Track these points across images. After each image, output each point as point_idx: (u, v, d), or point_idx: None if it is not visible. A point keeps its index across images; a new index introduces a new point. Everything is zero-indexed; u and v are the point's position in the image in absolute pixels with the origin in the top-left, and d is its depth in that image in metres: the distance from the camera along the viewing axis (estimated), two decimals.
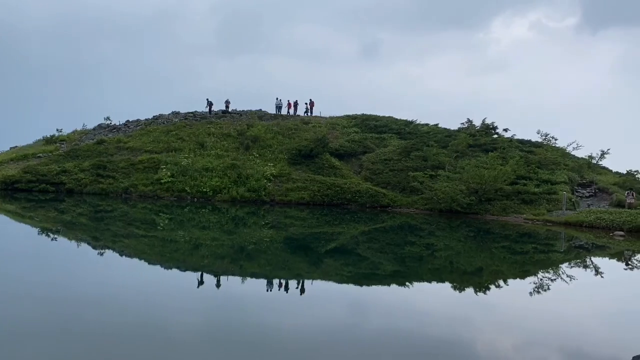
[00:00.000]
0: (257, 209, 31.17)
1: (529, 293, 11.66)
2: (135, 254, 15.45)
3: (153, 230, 20.61)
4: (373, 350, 7.27)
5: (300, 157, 39.06)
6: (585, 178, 37.42)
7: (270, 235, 20.56)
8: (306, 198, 34.27)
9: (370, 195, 34.36)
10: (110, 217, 24.43)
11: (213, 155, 39.14)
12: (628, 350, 6.92)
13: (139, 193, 35.24)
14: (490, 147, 38.49)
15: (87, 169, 37.70)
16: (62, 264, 13.31)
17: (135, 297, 9.73)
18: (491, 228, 26.06)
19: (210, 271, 12.96)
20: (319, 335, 7.92)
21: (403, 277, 13.41)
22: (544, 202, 31.51)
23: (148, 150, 40.71)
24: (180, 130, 44.04)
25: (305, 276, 12.99)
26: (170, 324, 8.12)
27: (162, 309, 9.01)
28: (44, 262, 13.41)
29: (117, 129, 47.35)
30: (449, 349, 7.52)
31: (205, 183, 35.39)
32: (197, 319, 8.65)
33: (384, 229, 24.99)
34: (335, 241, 19.92)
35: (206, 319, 8.73)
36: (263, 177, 35.85)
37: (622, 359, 6.77)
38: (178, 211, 28.56)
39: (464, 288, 12.49)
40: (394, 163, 37.96)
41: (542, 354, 7.60)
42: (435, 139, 40.85)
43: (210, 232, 20.67)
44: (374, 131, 44.37)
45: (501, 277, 14.11)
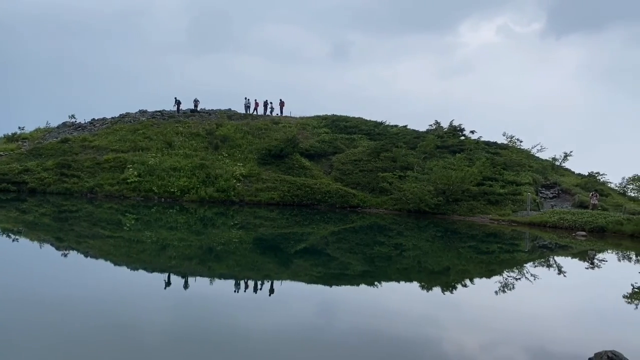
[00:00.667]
0: (226, 210, 30.89)
1: (494, 292, 11.89)
2: (100, 255, 15.10)
3: (119, 231, 20.20)
4: (343, 350, 7.29)
5: (270, 157, 38.91)
6: (548, 179, 38.43)
7: (239, 236, 20.41)
8: (276, 198, 34.17)
9: (340, 195, 34.49)
10: (74, 217, 23.84)
11: (181, 155, 38.62)
12: (589, 347, 7.12)
13: (105, 193, 34.51)
14: (458, 149, 39.14)
15: (51, 168, 36.72)
16: (24, 265, 12.92)
17: (101, 299, 9.51)
18: (458, 228, 26.48)
19: (177, 272, 12.77)
20: (288, 335, 7.90)
21: (372, 277, 13.50)
22: (509, 202, 32.21)
23: (114, 149, 39.89)
24: (148, 129, 43.30)
25: (274, 277, 12.95)
26: (137, 325, 7.97)
27: (128, 310, 8.84)
28: (3, 264, 12.99)
29: (82, 128, 46.26)
30: (418, 348, 7.61)
31: (173, 183, 34.88)
32: (164, 320, 8.51)
33: (354, 229, 25.12)
34: (304, 241, 19.92)
35: (174, 321, 8.59)
36: (232, 177, 35.55)
37: (584, 355, 6.96)
38: (145, 211, 28.07)
39: (432, 287, 12.65)
40: (363, 164, 38.21)
41: (507, 352, 7.76)
42: (404, 140, 41.29)
43: (178, 233, 20.39)
44: (344, 132, 44.57)
45: (468, 276, 14.35)
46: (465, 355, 7.48)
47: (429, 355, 7.41)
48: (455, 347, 7.87)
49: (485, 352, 7.67)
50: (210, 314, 9.07)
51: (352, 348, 7.41)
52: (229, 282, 12.05)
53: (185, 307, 9.53)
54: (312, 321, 9.05)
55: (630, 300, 11.87)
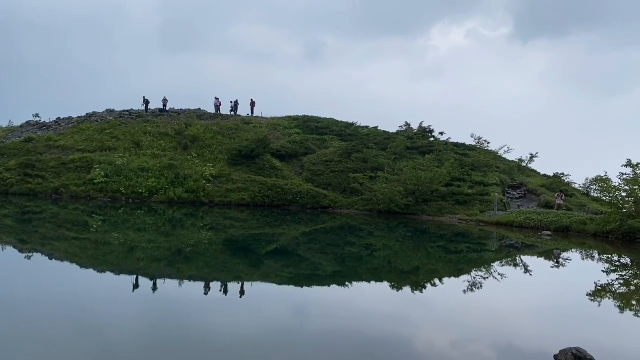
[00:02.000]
0: (195, 210, 30.54)
1: (462, 291, 12.06)
2: (66, 257, 14.72)
3: (85, 232, 19.74)
4: (316, 350, 7.29)
5: (240, 157, 38.66)
6: (515, 180, 39.29)
7: (208, 237, 20.20)
8: (246, 199, 33.98)
9: (311, 196, 34.52)
10: (38, 218, 23.19)
11: (149, 155, 38.04)
12: (554, 344, 7.29)
13: (70, 193, 33.72)
14: (427, 150, 39.68)
15: (14, 167, 35.71)
16: None
17: (67, 302, 9.27)
18: (427, 228, 26.81)
19: (145, 274, 12.55)
20: (260, 336, 7.85)
21: (343, 277, 13.54)
22: (477, 202, 32.80)
23: (80, 149, 39.03)
24: (115, 129, 42.50)
25: (244, 278, 12.85)
26: (105, 329, 7.79)
27: (96, 313, 8.63)
28: None
29: (47, 127, 45.10)
30: (390, 347, 7.66)
31: (140, 183, 34.31)
32: (132, 323, 8.35)
33: (324, 230, 25.16)
34: (275, 242, 19.85)
35: (142, 323, 8.44)
36: (202, 178, 35.18)
37: (549, 352, 7.12)
38: (112, 212, 27.51)
39: (402, 287, 12.77)
40: (334, 164, 38.34)
41: (475, 349, 7.89)
42: (374, 141, 41.61)
43: (145, 234, 20.05)
44: (315, 132, 44.66)
45: (437, 275, 14.54)
46: (435, 352, 7.57)
47: (400, 353, 7.47)
48: (425, 344, 7.96)
49: (454, 349, 7.78)
50: (179, 316, 8.94)
51: (324, 348, 7.41)
52: (198, 283, 11.90)
53: (154, 310, 9.37)
54: (284, 322, 9.02)
55: (594, 297, 12.21)
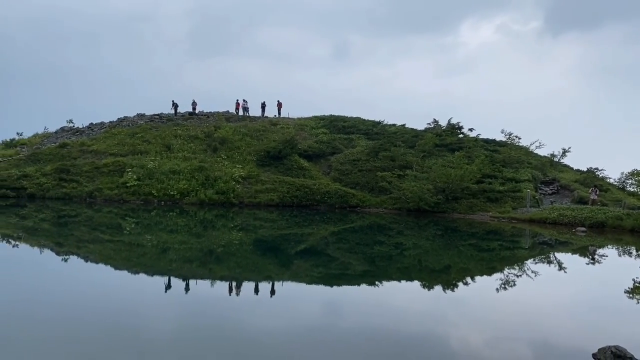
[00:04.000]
0: (225, 212, 30.88)
1: (496, 289, 11.88)
2: (101, 259, 15.06)
3: (119, 235, 20.17)
4: (345, 350, 7.27)
5: (268, 158, 38.93)
6: (547, 176, 38.51)
7: (239, 238, 20.38)
8: (275, 199, 34.18)
9: (339, 195, 34.50)
10: (74, 222, 23.79)
11: (180, 158, 38.65)
12: (593, 343, 7.12)
13: (104, 197, 34.52)
14: (456, 147, 39.17)
15: (50, 173, 36.73)
16: (25, 271, 12.88)
17: (102, 303, 9.48)
18: (458, 226, 26.48)
19: (178, 275, 12.75)
20: (291, 336, 7.88)
21: (373, 276, 13.49)
22: (508, 199, 32.26)
23: (113, 153, 39.91)
24: (146, 133, 43.32)
25: (275, 278, 12.93)
26: (139, 329, 7.95)
27: (130, 314, 8.81)
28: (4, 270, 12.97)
29: (80, 132, 46.28)
30: (423, 346, 7.59)
31: (172, 186, 34.88)
32: (166, 323, 8.49)
33: (353, 229, 25.10)
34: (305, 242, 19.90)
35: (176, 324, 8.58)
36: (231, 179, 35.56)
37: (587, 350, 6.95)
38: (145, 215, 28.04)
39: (433, 286, 12.64)
40: (362, 163, 38.23)
41: (511, 347, 7.75)
42: (402, 139, 41.33)
43: (178, 236, 20.36)
44: (342, 132, 44.62)
45: (469, 274, 14.34)
46: (470, 351, 7.46)
47: (434, 352, 7.39)
48: (459, 343, 7.86)
49: (489, 348, 7.66)
50: (212, 316, 9.05)
51: (356, 347, 7.39)
52: (230, 284, 12.02)
53: (187, 310, 9.51)
54: (315, 321, 9.03)
55: (632, 295, 11.86)
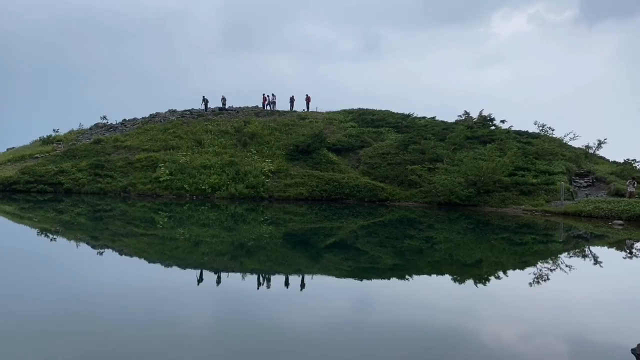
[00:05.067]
0: (255, 206, 31.16)
1: (529, 283, 11.68)
2: (135, 252, 15.43)
3: (152, 229, 20.59)
4: (377, 344, 7.27)
5: (297, 152, 39.07)
6: (582, 168, 37.55)
7: (269, 231, 20.55)
8: (304, 193, 34.30)
9: (368, 189, 34.39)
10: (109, 216, 24.38)
11: (211, 153, 39.15)
12: (630, 339, 6.94)
13: (138, 192, 35.25)
14: (488, 139, 38.54)
15: (85, 168, 37.68)
16: (63, 264, 13.28)
17: (136, 296, 9.71)
18: (490, 220, 26.10)
19: (210, 268, 12.95)
20: (321, 329, 7.92)
21: (403, 270, 13.43)
22: (542, 192, 31.60)
23: (145, 148, 40.68)
24: (178, 128, 44.00)
25: (305, 271, 13.00)
26: (173, 321, 8.11)
27: (163, 306, 9.00)
28: (44, 262, 13.39)
29: (114, 128, 47.28)
30: (455, 340, 7.53)
31: (203, 180, 35.38)
32: (198, 316, 8.64)
33: (383, 223, 25.01)
34: (334, 236, 19.93)
35: (207, 316, 8.72)
36: (261, 174, 35.85)
37: (626, 346, 6.79)
38: (177, 209, 28.53)
39: (465, 280, 12.51)
40: (391, 157, 37.99)
41: (546, 342, 7.62)
42: (432, 132, 40.88)
43: (209, 229, 20.66)
44: (371, 125, 44.40)
45: (501, 268, 14.14)
46: (503, 345, 7.37)
47: (467, 346, 7.32)
48: (492, 338, 7.76)
49: (523, 343, 7.55)
50: (242, 309, 9.16)
51: (387, 342, 7.38)
52: (261, 277, 12.15)
53: (218, 303, 9.66)
54: (345, 315, 9.04)
55: None
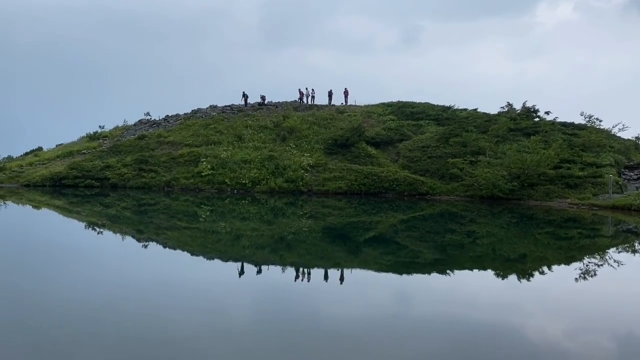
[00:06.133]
0: (295, 199, 31.37)
1: (575, 279, 11.35)
2: (178, 245, 15.81)
3: (195, 222, 21.03)
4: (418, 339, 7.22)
5: (336, 146, 39.05)
6: (632, 160, 36.10)
7: (308, 225, 20.66)
8: (343, 187, 34.29)
9: (408, 183, 34.05)
10: (153, 210, 25.05)
11: (251, 147, 39.63)
12: None
13: (181, 186, 36.07)
14: (532, 131, 37.50)
15: (130, 163, 38.78)
16: (109, 256, 13.72)
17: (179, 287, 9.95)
18: (534, 214, 25.44)
19: (251, 261, 13.13)
20: (361, 323, 7.91)
21: (444, 265, 13.26)
22: (589, 185, 30.54)
23: (188, 144, 41.54)
24: (219, 124, 44.71)
25: (344, 265, 13.01)
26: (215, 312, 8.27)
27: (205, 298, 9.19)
28: (93, 255, 13.87)
29: (157, 124, 48.44)
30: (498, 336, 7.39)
31: (244, 175, 35.88)
32: (239, 308, 8.78)
33: (423, 217, 24.74)
34: (373, 230, 19.86)
35: (248, 309, 8.85)
36: (300, 168, 36.05)
37: None
38: (219, 203, 29.04)
39: (508, 275, 12.25)
40: (432, 150, 37.48)
41: (592, 339, 7.39)
42: (474, 124, 40.07)
43: (250, 223, 20.94)
44: (411, 118, 43.90)
45: (546, 263, 13.78)
46: (549, 342, 7.19)
47: (511, 342, 7.17)
48: (537, 334, 7.57)
49: (569, 339, 7.34)
50: (283, 301, 9.25)
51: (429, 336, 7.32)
52: (300, 270, 12.23)
53: (260, 295, 9.79)
54: (385, 309, 9.00)
55: None
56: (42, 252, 13.90)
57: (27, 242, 15.72)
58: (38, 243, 15.59)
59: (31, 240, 16.00)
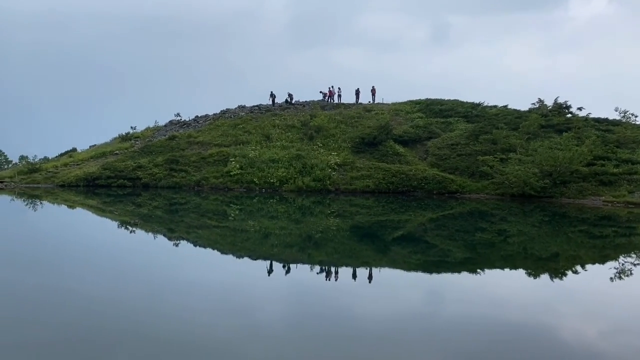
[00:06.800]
0: (322, 198, 31.42)
1: (610, 278, 11.08)
2: (208, 244, 16.03)
3: (224, 221, 21.28)
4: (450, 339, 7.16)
5: (363, 145, 38.95)
6: None
7: (336, 224, 20.67)
8: (371, 186, 34.18)
9: (437, 181, 33.74)
10: (184, 209, 25.44)
11: (278, 147, 39.85)
12: None
13: (210, 185, 36.54)
14: (564, 127, 36.74)
15: (161, 163, 39.46)
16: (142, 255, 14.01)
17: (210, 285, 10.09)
18: (567, 212, 24.91)
19: (279, 259, 13.22)
20: (390, 322, 7.89)
21: (474, 264, 13.10)
22: (624, 183, 29.74)
23: (217, 144, 42.04)
24: (247, 124, 45.10)
25: (372, 264, 12.98)
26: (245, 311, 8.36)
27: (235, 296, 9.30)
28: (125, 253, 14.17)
29: (187, 125, 49.13)
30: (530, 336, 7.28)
31: (272, 174, 36.12)
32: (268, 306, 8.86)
33: (453, 216, 24.48)
34: (402, 229, 19.75)
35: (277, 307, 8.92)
36: (327, 167, 36.09)
37: None
38: (247, 202, 29.30)
39: (540, 274, 12.04)
40: (461, 147, 37.05)
41: (629, 340, 7.21)
42: (504, 121, 39.46)
43: (278, 222, 21.07)
44: (439, 115, 43.49)
45: (579, 262, 13.49)
46: (584, 342, 7.05)
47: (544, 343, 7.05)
48: (571, 334, 7.44)
49: (604, 340, 7.19)
50: (311, 300, 9.30)
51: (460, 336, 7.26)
52: (328, 268, 12.26)
53: (289, 294, 9.86)
54: (414, 308, 8.96)
55: None
56: (77, 250, 14.25)
57: (62, 241, 16.16)
58: (73, 242, 16.00)
59: (66, 239, 16.44)
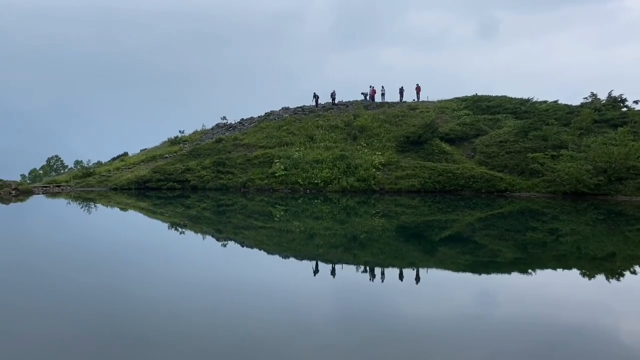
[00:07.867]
0: (367, 198, 31.29)
1: None
2: (255, 244, 16.24)
3: (270, 222, 21.51)
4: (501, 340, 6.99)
5: (408, 144, 38.54)
6: None
7: (381, 224, 20.53)
8: (416, 185, 33.77)
9: (485, 180, 33.00)
10: (231, 210, 25.88)
11: (322, 147, 39.96)
12: None
13: (256, 187, 37.04)
14: (619, 122, 35.20)
15: (208, 166, 40.30)
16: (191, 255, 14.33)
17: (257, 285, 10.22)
18: (623, 210, 23.85)
19: (325, 260, 13.24)
20: (441, 323, 7.78)
21: (525, 264, 12.73)
22: None
23: (262, 145, 42.58)
24: (291, 125, 45.46)
25: (419, 264, 12.82)
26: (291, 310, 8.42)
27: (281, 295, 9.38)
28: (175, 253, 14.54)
29: (232, 128, 49.98)
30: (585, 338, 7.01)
31: (316, 174, 36.25)
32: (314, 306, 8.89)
33: (502, 215, 23.87)
34: (449, 229, 19.41)
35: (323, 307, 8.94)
36: (371, 166, 35.91)
37: None
38: (292, 203, 29.52)
39: (595, 275, 11.58)
40: (510, 145, 36.10)
41: None
42: (555, 117, 38.18)
43: (323, 222, 21.12)
44: (487, 112, 42.53)
45: (637, 262, 12.89)
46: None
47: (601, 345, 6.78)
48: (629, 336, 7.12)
49: None
50: (358, 301, 9.27)
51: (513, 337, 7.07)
52: (374, 269, 12.19)
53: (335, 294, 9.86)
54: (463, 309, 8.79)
55: None
56: (130, 251, 14.75)
57: (117, 243, 16.74)
58: (127, 244, 16.56)
59: (121, 241, 17.02)
